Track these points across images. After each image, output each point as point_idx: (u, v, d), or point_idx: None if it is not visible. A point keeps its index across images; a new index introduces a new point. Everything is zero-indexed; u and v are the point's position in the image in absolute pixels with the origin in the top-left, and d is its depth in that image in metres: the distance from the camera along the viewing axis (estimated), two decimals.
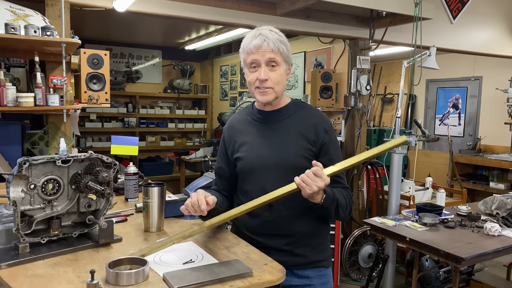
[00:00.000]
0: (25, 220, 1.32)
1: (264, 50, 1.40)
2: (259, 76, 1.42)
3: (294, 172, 1.43)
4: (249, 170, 1.52)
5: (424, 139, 3.52)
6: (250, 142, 1.53)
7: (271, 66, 1.42)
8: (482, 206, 2.96)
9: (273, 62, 1.42)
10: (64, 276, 1.17)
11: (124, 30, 5.89)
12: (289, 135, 1.49)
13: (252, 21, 3.46)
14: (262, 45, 1.40)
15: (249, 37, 1.44)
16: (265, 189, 1.44)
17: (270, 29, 1.45)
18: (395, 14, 3.58)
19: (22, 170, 1.26)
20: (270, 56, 1.41)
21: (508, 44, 4.83)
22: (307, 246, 1.53)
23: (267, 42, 1.40)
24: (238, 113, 1.66)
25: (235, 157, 1.56)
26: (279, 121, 1.51)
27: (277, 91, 1.46)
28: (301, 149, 1.47)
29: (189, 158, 5.53)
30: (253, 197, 1.50)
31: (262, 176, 1.49)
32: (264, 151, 1.50)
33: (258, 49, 1.41)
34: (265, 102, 1.48)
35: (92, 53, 2.79)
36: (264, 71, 1.42)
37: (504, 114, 5.43)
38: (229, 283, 1.15)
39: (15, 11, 2.44)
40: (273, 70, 1.43)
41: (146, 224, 1.60)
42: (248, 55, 1.43)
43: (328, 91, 4.27)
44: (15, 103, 2.35)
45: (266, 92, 1.45)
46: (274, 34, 1.42)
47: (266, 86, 1.44)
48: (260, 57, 1.41)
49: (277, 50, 1.41)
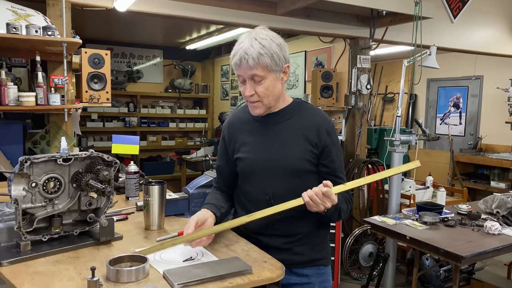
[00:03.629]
0: (27, 218, 1.33)
1: (244, 68, 1.37)
2: (244, 92, 1.43)
3: (295, 174, 1.45)
4: (249, 171, 1.52)
5: (425, 138, 3.52)
6: (251, 143, 1.52)
7: (256, 81, 1.40)
8: (483, 205, 2.96)
9: (256, 77, 1.38)
10: (65, 273, 1.18)
11: (125, 30, 5.91)
12: (291, 136, 1.48)
13: (252, 21, 3.47)
14: (241, 63, 1.37)
15: (234, 49, 1.40)
16: (265, 190, 1.45)
17: (254, 37, 1.37)
18: (395, 14, 3.58)
19: (24, 168, 1.27)
20: (250, 72, 1.38)
21: (508, 43, 4.83)
22: (307, 245, 1.53)
23: (246, 59, 1.35)
24: (239, 111, 1.65)
25: (235, 157, 1.56)
26: (280, 122, 1.50)
27: (267, 103, 1.44)
28: (302, 151, 1.46)
29: (190, 158, 5.54)
30: (253, 197, 1.51)
31: (262, 177, 1.49)
32: (265, 153, 1.49)
33: (239, 66, 1.39)
34: (256, 115, 1.49)
35: (93, 53, 2.79)
36: (248, 87, 1.41)
37: (505, 113, 5.43)
38: (228, 280, 1.16)
39: (16, 11, 2.46)
40: (259, 84, 1.40)
41: (147, 222, 1.61)
42: (234, 68, 1.43)
43: (329, 90, 4.28)
44: (17, 103, 2.36)
45: (256, 106, 1.44)
46: (256, 46, 1.35)
47: (253, 101, 1.43)
48: (243, 73, 1.40)
49: (257, 65, 1.35)
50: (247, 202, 1.54)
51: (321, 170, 1.50)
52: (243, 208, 1.56)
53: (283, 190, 1.46)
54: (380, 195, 4.06)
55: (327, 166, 1.49)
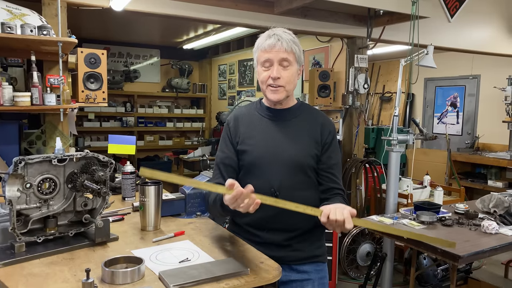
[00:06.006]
0: (21, 219, 1.32)
1: (277, 50, 1.45)
2: (272, 74, 1.46)
3: (300, 168, 1.48)
4: (255, 163, 1.53)
5: (422, 137, 3.52)
6: (257, 137, 1.55)
7: (284, 66, 1.47)
8: (480, 204, 2.96)
9: (285, 62, 1.46)
10: (60, 275, 1.17)
11: (122, 30, 5.89)
12: (298, 134, 1.53)
13: (250, 20, 3.46)
14: (276, 44, 1.45)
15: (263, 37, 1.49)
16: (270, 183, 1.47)
17: (284, 30, 1.50)
18: (392, 13, 3.58)
19: (18, 169, 1.26)
20: (283, 55, 1.45)
21: (505, 43, 4.83)
22: (306, 242, 1.56)
23: (281, 42, 1.44)
24: (244, 107, 1.67)
25: (240, 149, 1.56)
26: (288, 120, 1.55)
27: (288, 90, 1.50)
28: (308, 148, 1.51)
29: (187, 157, 5.53)
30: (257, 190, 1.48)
31: (268, 170, 1.50)
32: (272, 146, 1.52)
33: (272, 48, 1.45)
34: (276, 100, 1.51)
35: (89, 52, 2.78)
36: (276, 69, 1.46)
37: (502, 112, 5.44)
38: (224, 281, 1.15)
39: (11, 10, 2.44)
40: (285, 69, 1.47)
41: (143, 223, 1.60)
42: (262, 53, 1.48)
43: (326, 90, 4.27)
44: (12, 103, 2.34)
45: (278, 90, 1.48)
46: (288, 35, 1.47)
47: (278, 84, 1.47)
48: (273, 56, 1.46)
49: (290, 50, 1.46)
50: None
51: (318, 167, 1.54)
52: None
53: (288, 183, 1.48)
54: (377, 194, 4.06)
55: (324, 162, 1.54)
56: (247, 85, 6.61)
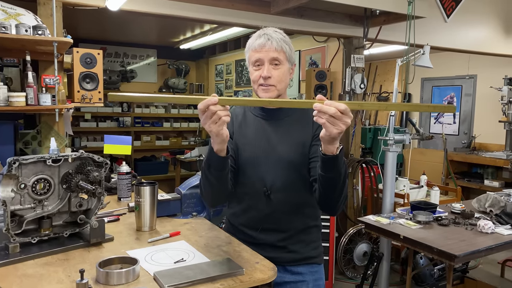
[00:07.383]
0: (16, 220, 1.32)
1: (267, 49, 1.44)
2: (262, 73, 1.45)
3: (294, 167, 1.47)
4: (248, 162, 1.52)
5: (418, 137, 3.53)
6: (250, 136, 1.54)
7: (274, 65, 1.46)
8: (476, 203, 2.97)
9: (276, 61, 1.46)
10: (54, 276, 1.17)
11: (119, 29, 5.87)
12: (291, 133, 1.53)
13: (246, 20, 3.46)
14: (266, 44, 1.44)
15: (254, 37, 1.49)
16: (263, 182, 1.47)
17: (275, 29, 1.50)
18: (388, 13, 3.58)
19: (12, 169, 1.26)
20: (273, 55, 1.44)
21: (502, 43, 4.85)
22: (301, 243, 1.54)
23: (271, 41, 1.44)
24: (238, 107, 1.67)
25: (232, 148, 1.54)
26: (281, 119, 1.54)
27: (280, 89, 1.49)
28: (301, 146, 1.50)
29: (184, 158, 5.52)
30: (250, 189, 1.50)
31: (261, 169, 1.50)
32: (266, 145, 1.51)
33: (262, 47, 1.45)
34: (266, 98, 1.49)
35: (85, 52, 2.77)
36: (267, 68, 1.45)
37: (498, 112, 5.46)
38: (220, 282, 1.15)
39: (6, 10, 2.43)
40: (276, 68, 1.46)
41: (138, 224, 1.60)
42: (253, 53, 1.48)
43: (323, 90, 4.27)
44: (6, 103, 2.33)
45: (269, 89, 1.47)
46: (278, 34, 1.48)
47: (269, 84, 1.46)
48: (263, 56, 1.45)
49: (280, 49, 1.45)
50: (244, 195, 1.53)
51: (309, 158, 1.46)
52: (240, 201, 1.55)
53: (281, 182, 1.47)
54: (374, 194, 4.06)
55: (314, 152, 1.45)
56: (244, 85, 6.60)
